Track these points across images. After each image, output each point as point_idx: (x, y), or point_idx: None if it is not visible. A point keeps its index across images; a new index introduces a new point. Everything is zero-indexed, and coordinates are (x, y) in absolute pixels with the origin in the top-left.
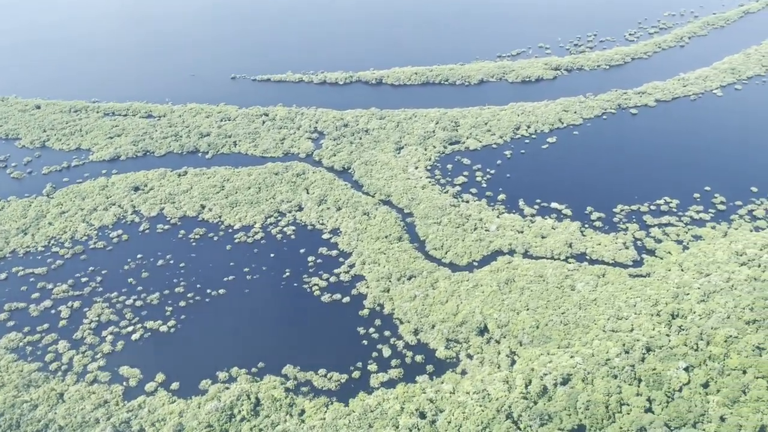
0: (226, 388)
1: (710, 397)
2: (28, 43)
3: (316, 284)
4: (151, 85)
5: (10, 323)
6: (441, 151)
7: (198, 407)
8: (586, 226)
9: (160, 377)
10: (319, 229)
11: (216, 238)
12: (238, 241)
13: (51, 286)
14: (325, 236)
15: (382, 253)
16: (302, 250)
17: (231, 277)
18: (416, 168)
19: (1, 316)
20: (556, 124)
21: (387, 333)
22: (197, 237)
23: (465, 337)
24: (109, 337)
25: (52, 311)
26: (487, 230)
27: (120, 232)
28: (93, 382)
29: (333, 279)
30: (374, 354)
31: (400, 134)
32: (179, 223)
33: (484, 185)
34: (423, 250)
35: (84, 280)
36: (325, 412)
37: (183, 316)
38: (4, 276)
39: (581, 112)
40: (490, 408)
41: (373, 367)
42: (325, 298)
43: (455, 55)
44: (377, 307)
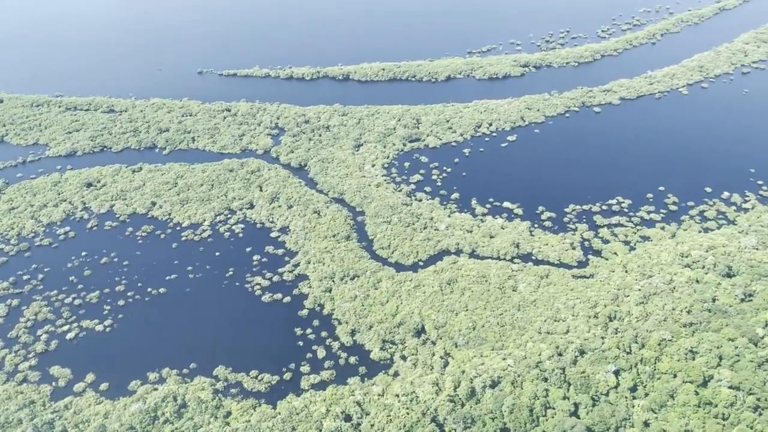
0: (154, 390)
1: (636, 402)
2: None
3: (258, 284)
4: (117, 80)
5: None
6: (400, 148)
7: (123, 408)
8: (536, 226)
9: (90, 377)
10: (268, 228)
11: (163, 236)
12: (185, 239)
13: None
14: (274, 235)
15: (328, 252)
16: (248, 249)
17: (173, 276)
18: (373, 166)
19: None
20: (518, 122)
21: (324, 334)
22: (144, 234)
23: (401, 339)
24: (44, 336)
25: None
26: (436, 229)
27: (68, 229)
28: (22, 381)
29: (276, 278)
30: (308, 355)
31: (361, 131)
32: (128, 221)
33: (439, 184)
34: (370, 250)
35: (26, 278)
36: (252, 414)
37: (120, 316)
38: None
39: (544, 110)
40: (416, 411)
41: (305, 368)
42: (266, 297)
43: (426, 51)
44: (317, 308)
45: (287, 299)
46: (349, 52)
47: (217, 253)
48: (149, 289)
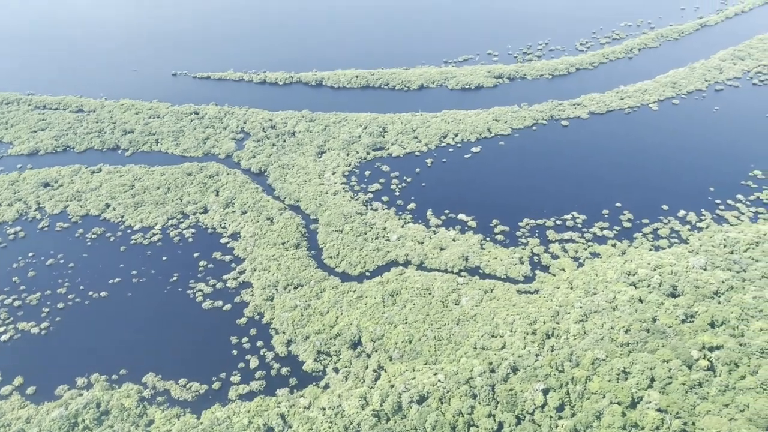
0: (79, 395)
1: (562, 422)
2: None
3: (200, 290)
4: (90, 79)
5: None
6: (363, 156)
7: (46, 413)
8: (488, 239)
9: (18, 381)
10: (219, 233)
11: (113, 239)
12: (134, 242)
13: None
14: (224, 240)
15: (275, 260)
16: (196, 254)
17: (117, 280)
18: (333, 173)
19: None
20: (484, 133)
21: (260, 343)
22: (94, 237)
23: (337, 350)
24: None
25: None
26: (388, 240)
27: (18, 228)
28: None
29: (219, 285)
30: (241, 365)
31: (325, 138)
32: (80, 222)
33: (398, 193)
34: (318, 259)
35: None
36: (174, 423)
37: (58, 319)
38: None
39: (512, 122)
40: (339, 425)
41: (236, 378)
42: (206, 304)
43: (402, 59)
44: (257, 316)
45: (227, 307)
46: (326, 59)
47: (164, 258)
48: (91, 293)
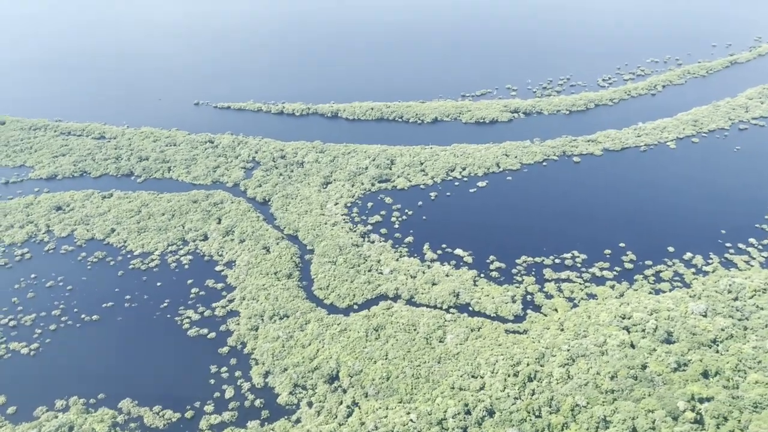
0: (55, 417)
1: None
2: (8, 62)
3: (188, 317)
4: (117, 107)
5: None
6: (368, 188)
7: None
8: (482, 275)
9: (1, 400)
10: (215, 261)
11: (113, 263)
12: (132, 267)
13: None
14: (218, 268)
15: (264, 290)
16: (190, 281)
17: (110, 304)
18: (336, 204)
19: None
20: (493, 168)
21: (238, 373)
22: (95, 261)
23: (313, 384)
24: None
25: None
26: (380, 273)
27: (26, 250)
28: None
29: (208, 313)
30: (216, 394)
31: (332, 169)
32: (84, 245)
33: (397, 226)
34: (309, 290)
35: None
36: None
37: (48, 340)
38: None
39: (521, 158)
40: None
41: (209, 407)
42: (192, 332)
43: (420, 92)
44: (239, 346)
45: (212, 335)
46: (345, 91)
47: (159, 284)
48: (83, 316)
